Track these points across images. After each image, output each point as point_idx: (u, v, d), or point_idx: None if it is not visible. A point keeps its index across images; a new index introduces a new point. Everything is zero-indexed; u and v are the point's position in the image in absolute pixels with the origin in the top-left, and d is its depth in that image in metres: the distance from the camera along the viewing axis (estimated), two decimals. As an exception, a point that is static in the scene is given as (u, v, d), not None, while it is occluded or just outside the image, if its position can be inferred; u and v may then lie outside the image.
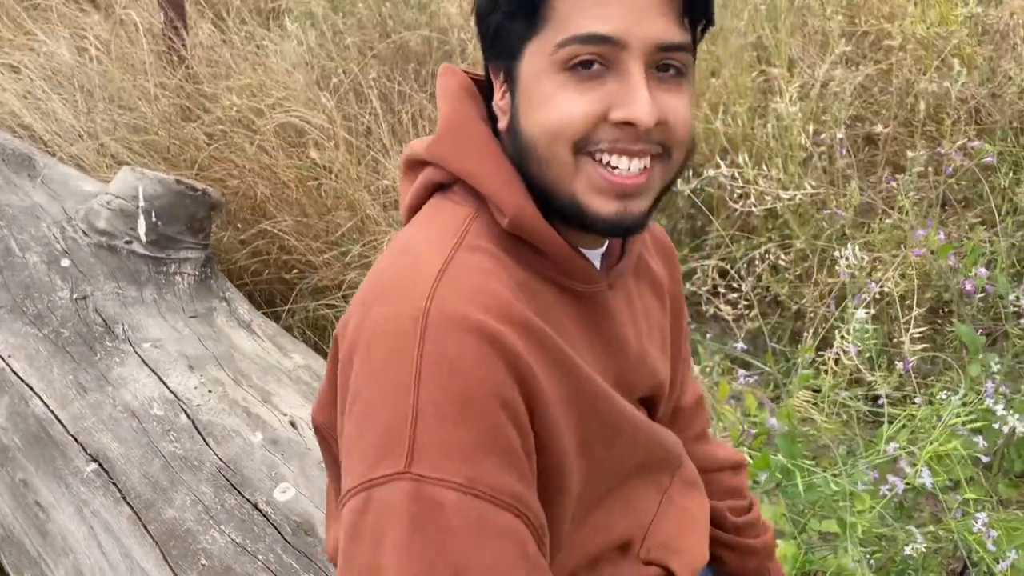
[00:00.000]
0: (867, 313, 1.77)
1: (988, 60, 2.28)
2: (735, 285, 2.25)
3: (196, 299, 1.80)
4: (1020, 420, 1.50)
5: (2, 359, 1.60)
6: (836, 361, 1.85)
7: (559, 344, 0.71)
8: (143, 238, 1.82)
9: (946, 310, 2.09)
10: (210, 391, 1.51)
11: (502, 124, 0.74)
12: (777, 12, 2.37)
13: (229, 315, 1.79)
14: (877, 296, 1.87)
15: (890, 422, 1.61)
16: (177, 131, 2.58)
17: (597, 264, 0.80)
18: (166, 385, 1.52)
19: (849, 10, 2.55)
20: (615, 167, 0.69)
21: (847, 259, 1.85)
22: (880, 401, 1.66)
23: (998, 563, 1.42)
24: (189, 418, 1.46)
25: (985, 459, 1.49)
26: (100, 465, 1.41)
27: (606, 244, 0.80)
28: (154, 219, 1.83)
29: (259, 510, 1.29)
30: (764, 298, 2.38)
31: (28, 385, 1.54)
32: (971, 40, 2.29)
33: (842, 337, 1.83)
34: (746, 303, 2.19)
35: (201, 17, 3.38)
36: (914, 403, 1.64)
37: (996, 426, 1.51)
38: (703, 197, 2.53)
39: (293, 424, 1.46)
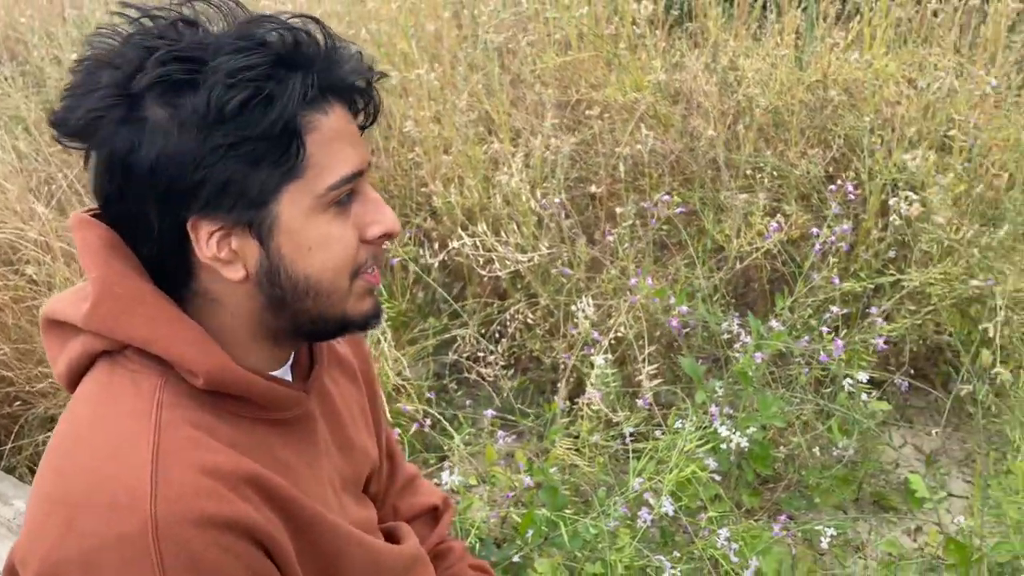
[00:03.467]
0: (606, 359, 1.90)
1: (682, 118, 2.58)
2: (492, 348, 2.33)
3: None
4: (742, 437, 1.67)
5: None
6: (589, 406, 1.96)
7: (286, 490, 0.72)
8: None
9: (679, 344, 2.30)
10: (-93, 561, 1.31)
11: (235, 275, 0.72)
12: (495, 88, 2.53)
13: (-68, 467, 1.58)
14: (614, 341, 2.02)
15: (638, 457, 1.73)
16: None
17: (289, 377, 0.80)
18: None
19: (561, 81, 2.78)
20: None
21: (582, 311, 1.98)
22: (626, 440, 1.78)
23: (744, 572, 1.56)
24: None
25: (717, 478, 1.64)
26: None
27: (292, 355, 0.81)
28: None
29: None
30: (523, 355, 2.49)
31: None
32: (665, 102, 2.57)
33: (591, 384, 1.95)
34: (503, 364, 2.27)
35: None
36: (656, 436, 1.77)
37: (724, 445, 1.67)
38: (454, 267, 2.62)
39: (14, 580, 1.30)
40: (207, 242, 0.71)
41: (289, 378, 0.80)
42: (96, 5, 3.77)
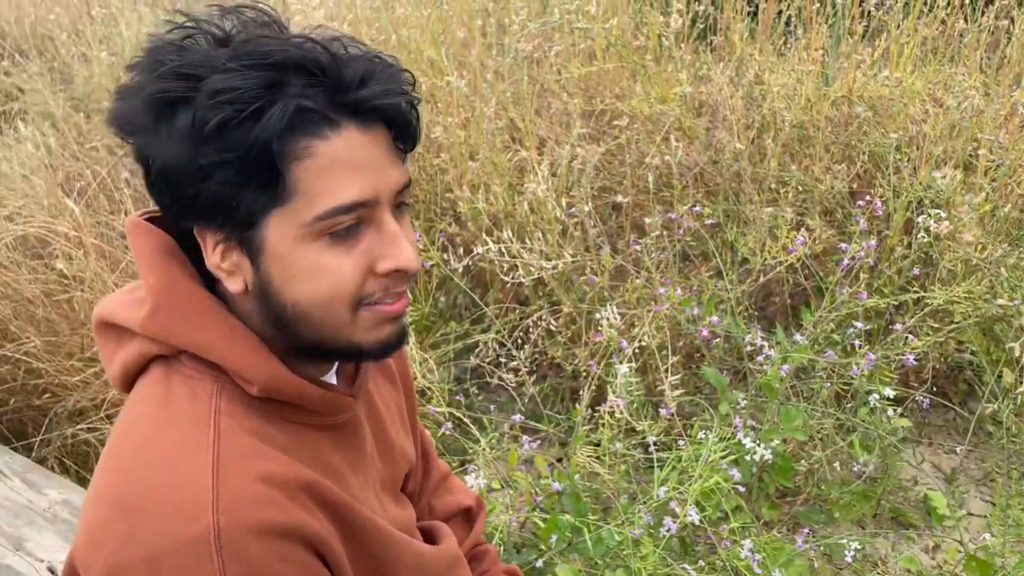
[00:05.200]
0: (629, 367, 1.91)
1: (706, 131, 2.60)
2: (515, 353, 2.34)
3: (-76, 443, 1.59)
4: (766, 448, 1.68)
5: None
6: (611, 414, 1.97)
7: (339, 496, 0.73)
8: None
9: (699, 355, 2.30)
10: (-54, 548, 1.34)
11: (235, 287, 0.72)
12: (522, 96, 2.55)
13: (-33, 457, 1.60)
14: (637, 350, 2.03)
15: (661, 466, 1.74)
16: None
17: (334, 380, 0.82)
18: None
19: (586, 91, 2.80)
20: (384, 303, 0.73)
21: (607, 319, 2.00)
22: (649, 448, 1.79)
23: (765, 582, 1.57)
24: (-80, 584, 1.27)
25: (741, 488, 1.65)
26: None
27: (336, 363, 0.82)
28: None
29: (13, 676, 1.15)
30: (544, 362, 2.50)
31: None
32: (690, 115, 2.59)
33: (614, 392, 1.96)
34: (526, 370, 2.29)
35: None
36: (679, 446, 1.78)
37: (748, 457, 1.68)
38: (476, 272, 2.64)
39: (52, 571, 1.32)
40: (213, 251, 0.72)
41: (334, 379, 0.82)
42: (124, 4, 3.81)
